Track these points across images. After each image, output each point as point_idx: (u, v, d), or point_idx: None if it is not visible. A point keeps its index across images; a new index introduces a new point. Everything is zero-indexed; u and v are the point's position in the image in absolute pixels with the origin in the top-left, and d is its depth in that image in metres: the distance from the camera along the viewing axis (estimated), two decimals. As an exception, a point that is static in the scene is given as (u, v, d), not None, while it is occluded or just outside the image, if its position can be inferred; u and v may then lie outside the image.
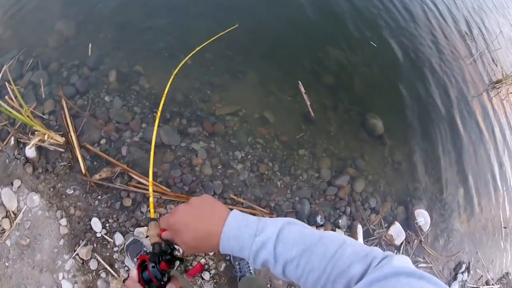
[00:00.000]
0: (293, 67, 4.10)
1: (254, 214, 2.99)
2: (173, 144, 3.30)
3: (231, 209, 1.02)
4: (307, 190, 3.51)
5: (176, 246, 1.13)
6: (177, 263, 1.11)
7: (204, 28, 3.80)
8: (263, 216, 2.91)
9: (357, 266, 0.84)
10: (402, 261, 0.83)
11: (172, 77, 2.48)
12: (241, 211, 2.42)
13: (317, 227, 3.40)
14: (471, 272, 4.27)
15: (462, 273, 4.14)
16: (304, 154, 3.62)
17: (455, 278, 4.08)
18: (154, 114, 3.39)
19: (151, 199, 1.31)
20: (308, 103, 3.84)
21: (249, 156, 3.44)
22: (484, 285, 4.34)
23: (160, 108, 1.72)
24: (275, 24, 4.27)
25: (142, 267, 1.05)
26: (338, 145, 3.82)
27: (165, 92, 1.75)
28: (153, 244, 1.12)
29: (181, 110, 3.45)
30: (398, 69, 4.61)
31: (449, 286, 4.00)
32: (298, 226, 0.95)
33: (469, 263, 4.25)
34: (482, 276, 4.35)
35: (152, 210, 1.30)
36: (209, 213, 1.01)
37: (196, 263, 1.00)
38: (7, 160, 3.28)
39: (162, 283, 1.03)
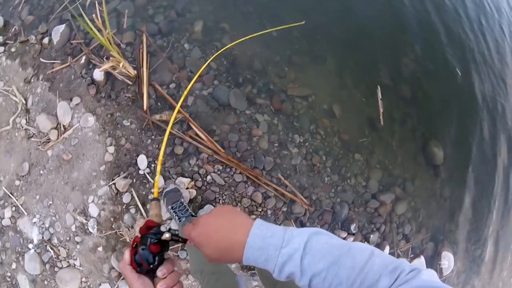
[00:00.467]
0: (374, 66, 4.03)
1: (293, 201, 2.99)
2: (239, 108, 3.28)
3: (254, 218, 1.00)
4: (350, 195, 3.46)
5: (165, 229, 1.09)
6: (171, 244, 1.09)
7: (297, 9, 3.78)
8: (302, 205, 2.90)
9: (385, 279, 0.82)
10: (431, 275, 0.83)
11: (210, 60, 2.48)
12: (283, 194, 2.40)
13: (348, 234, 3.37)
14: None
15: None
16: (359, 159, 3.56)
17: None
18: (228, 76, 3.36)
19: (156, 178, 1.29)
20: (381, 110, 3.77)
21: (307, 144, 3.40)
22: None
23: (189, 86, 1.68)
24: (369, 15, 4.20)
25: (135, 249, 1.02)
26: (394, 161, 3.74)
27: (191, 83, 1.71)
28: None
29: (255, 79, 3.42)
30: (474, 106, 4.49)
31: None
32: (325, 237, 0.94)
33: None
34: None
35: (155, 190, 1.26)
36: (232, 223, 0.99)
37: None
38: (72, 76, 3.31)
39: (152, 266, 1.00)
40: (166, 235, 1.02)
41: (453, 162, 4.05)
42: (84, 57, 3.33)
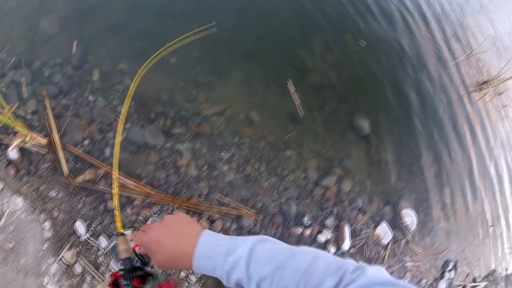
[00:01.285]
0: (278, 65, 4.10)
1: (240, 216, 3.02)
2: (158, 144, 3.28)
3: (204, 228, 1.05)
4: (294, 190, 3.51)
5: (147, 261, 1.15)
6: (150, 279, 1.12)
7: (189, 26, 3.76)
8: (249, 217, 2.93)
9: (329, 280, 0.85)
10: (376, 270, 0.85)
11: (137, 77, 2.47)
12: (227, 213, 2.43)
13: (304, 227, 3.41)
14: (458, 270, 4.32)
15: (449, 271, 4.20)
16: (290, 154, 3.62)
17: (442, 277, 4.14)
18: (138, 116, 3.34)
19: (117, 213, 1.31)
20: (297, 103, 3.85)
21: (235, 157, 3.43)
22: (471, 283, 4.40)
23: (123, 111, 1.69)
24: (260, 21, 4.27)
25: (114, 285, 1.05)
26: (325, 145, 3.82)
27: (130, 93, 1.71)
28: (124, 260, 1.14)
29: (166, 110, 3.43)
30: (384, 70, 4.63)
31: (436, 285, 4.03)
32: (270, 243, 0.98)
33: (456, 261, 4.29)
34: (469, 273, 4.40)
35: (119, 224, 1.31)
36: (182, 232, 1.03)
37: (170, 279, 0.98)
38: (-12, 162, 3.24)
39: None
40: (150, 269, 1.09)
41: (381, 126, 4.21)
42: (-7, 144, 3.26)
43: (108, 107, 3.32)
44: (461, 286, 4.27)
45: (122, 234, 1.24)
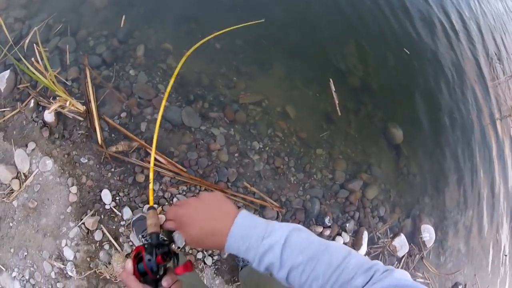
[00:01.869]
0: (320, 65, 4.13)
1: (264, 206, 3.03)
2: (194, 126, 3.33)
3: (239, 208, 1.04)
4: (319, 189, 3.54)
5: (175, 239, 1.13)
6: (174, 258, 1.10)
7: (238, 17, 3.81)
8: (272, 209, 2.95)
9: (360, 277, 0.85)
10: (403, 274, 0.86)
11: (184, 58, 2.49)
12: (252, 201, 2.45)
13: (324, 228, 3.44)
14: (467, 293, 4.30)
15: (459, 293, 4.16)
16: (321, 153, 3.66)
17: (451, 299, 4.09)
18: (177, 96, 3.38)
19: (150, 186, 1.32)
20: (337, 102, 3.89)
21: (267, 148, 3.48)
22: (478, 309, 4.37)
23: (168, 89, 1.72)
24: (306, 21, 4.31)
25: (137, 258, 1.03)
26: (355, 149, 3.85)
27: (176, 72, 1.74)
28: (151, 234, 1.11)
29: (205, 94, 3.48)
30: (426, 82, 4.65)
31: (444, 305, 4.02)
32: (305, 233, 0.97)
33: (465, 284, 4.28)
34: (475, 299, 4.37)
35: (151, 198, 1.30)
36: (218, 210, 1.03)
37: (187, 260, 0.99)
38: (24, 122, 3.30)
39: (158, 276, 1.01)
40: (176, 248, 1.03)
41: (413, 138, 4.22)
42: (32, 101, 3.32)
43: (149, 83, 3.38)
44: (466, 310, 4.26)
45: (153, 208, 1.20)
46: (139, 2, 3.79)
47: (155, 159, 3.11)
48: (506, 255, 4.83)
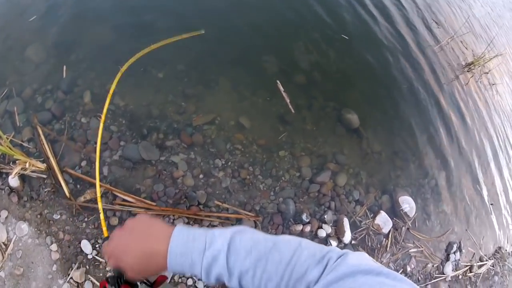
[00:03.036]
0: (263, 70, 4.28)
1: (240, 219, 3.17)
2: (153, 158, 3.43)
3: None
4: (290, 190, 3.68)
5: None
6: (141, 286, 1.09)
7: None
8: (249, 219, 3.08)
9: (314, 270, 0.83)
10: (358, 258, 0.84)
11: (119, 74, 2.60)
12: (227, 218, 2.59)
13: (303, 225, 3.57)
14: (463, 251, 4.51)
15: (454, 253, 4.37)
16: (283, 155, 3.80)
17: (447, 259, 4.32)
18: (131, 132, 3.50)
19: (101, 216, 1.34)
20: (288, 101, 4.06)
21: (230, 163, 3.60)
22: (478, 262, 4.59)
23: (104, 111, 1.79)
24: (242, 28, 4.45)
25: None
26: (316, 142, 4.01)
27: (110, 92, 1.81)
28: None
29: (158, 124, 3.59)
30: (368, 61, 4.84)
31: (443, 267, 4.19)
32: (249, 234, 0.95)
33: (459, 242, 4.47)
34: (474, 253, 4.60)
35: (104, 229, 1.33)
36: (149, 231, 0.99)
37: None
38: (-9, 193, 3.38)
39: None
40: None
41: (370, 118, 4.42)
42: (-8, 175, 3.41)
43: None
44: (468, 266, 4.43)
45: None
46: (75, 48, 3.87)
47: (124, 200, 3.24)
48: (492, 204, 5.00)
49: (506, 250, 5.07)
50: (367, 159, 4.17)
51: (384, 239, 3.95)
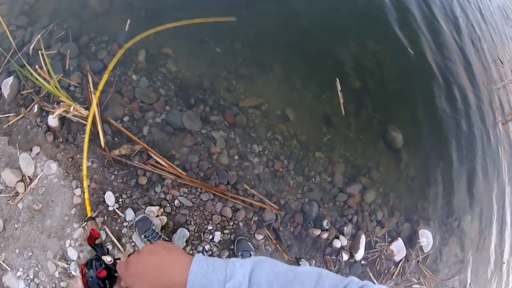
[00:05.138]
0: (320, 65, 4.39)
1: (263, 209, 3.29)
2: (194, 129, 3.57)
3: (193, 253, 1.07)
4: (317, 193, 3.79)
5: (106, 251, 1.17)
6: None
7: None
8: (271, 211, 3.20)
9: None
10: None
11: (123, 50, 2.70)
12: (251, 204, 2.71)
13: (322, 231, 3.68)
14: (463, 300, 4.54)
15: (454, 300, 4.39)
16: (320, 156, 3.90)
17: (445, 304, 4.33)
18: (178, 99, 3.63)
19: (86, 195, 1.33)
20: (342, 101, 4.17)
21: (266, 151, 3.72)
22: (474, 314, 4.61)
23: (100, 88, 1.88)
24: (309, 14, 4.55)
25: (85, 276, 1.07)
26: (355, 152, 4.10)
27: (111, 65, 1.89)
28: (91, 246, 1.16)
29: (206, 97, 3.72)
30: (428, 84, 4.91)
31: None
32: (269, 265, 0.96)
33: (460, 289, 4.51)
34: (469, 306, 4.62)
35: (88, 208, 1.30)
36: (165, 262, 0.98)
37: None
38: (28, 127, 3.54)
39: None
40: (108, 259, 1.10)
41: (414, 142, 4.46)
42: (36, 106, 3.55)
43: (150, 88, 3.61)
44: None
45: (93, 218, 1.22)
46: (139, 6, 4.03)
47: (157, 162, 3.38)
48: (504, 263, 5.07)
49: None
50: (400, 182, 4.25)
51: (393, 266, 4.03)
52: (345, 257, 3.76)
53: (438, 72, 4.99)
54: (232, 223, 3.46)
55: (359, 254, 3.80)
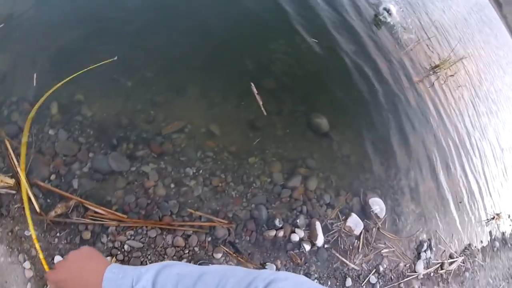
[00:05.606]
0: (233, 75, 4.52)
1: (213, 227, 3.35)
2: (123, 169, 3.55)
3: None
4: (262, 196, 3.88)
5: None
6: None
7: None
8: (222, 227, 3.27)
9: None
10: (285, 282, 0.88)
11: (44, 97, 2.68)
12: (200, 226, 2.78)
13: (276, 230, 3.77)
14: (434, 249, 4.82)
15: (425, 251, 4.67)
16: (254, 161, 4.00)
17: (419, 257, 4.60)
18: (100, 143, 3.62)
19: (40, 256, 1.39)
20: (261, 103, 4.30)
21: (201, 171, 3.76)
22: (448, 259, 4.90)
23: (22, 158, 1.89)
24: (211, 33, 4.63)
25: None
26: (286, 147, 4.24)
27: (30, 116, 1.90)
28: None
29: (127, 134, 3.72)
30: (339, 66, 5.17)
31: (414, 266, 4.48)
32: (176, 268, 1.02)
33: (430, 241, 4.80)
34: (444, 251, 4.93)
35: (43, 262, 1.41)
36: (86, 268, 1.08)
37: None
38: (-42, 213, 3.46)
39: None
40: None
41: (339, 122, 4.70)
42: (-41, 188, 3.48)
43: (70, 139, 3.57)
44: (439, 264, 4.75)
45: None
46: (41, 60, 3.95)
47: (96, 212, 3.37)
48: (460, 202, 5.33)
49: (475, 247, 5.43)
50: (337, 162, 4.43)
51: (356, 240, 4.19)
52: (307, 247, 3.86)
53: (345, 54, 5.26)
54: (187, 251, 3.47)
55: (320, 240, 3.90)
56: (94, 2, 4.49)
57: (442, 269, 4.74)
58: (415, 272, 4.47)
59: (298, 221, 3.92)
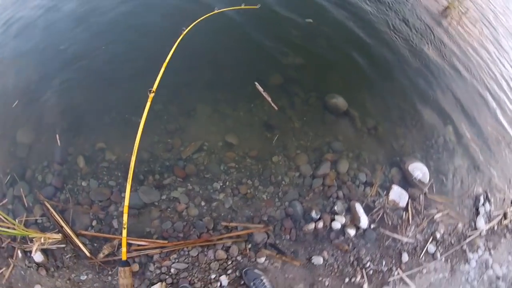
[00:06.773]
0: (237, 82, 4.62)
1: (251, 234, 3.49)
2: (155, 200, 3.79)
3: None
4: (293, 191, 3.97)
5: None
6: None
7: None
8: (260, 232, 3.41)
9: None
10: None
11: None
12: (238, 236, 3.14)
13: (315, 222, 3.83)
14: (492, 200, 4.61)
15: (483, 204, 4.47)
16: (278, 159, 4.09)
17: (477, 213, 4.42)
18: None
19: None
20: (269, 99, 4.38)
21: (227, 183, 3.91)
22: (510, 207, 4.66)
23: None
24: (209, 49, 4.76)
25: None
26: (307, 137, 4.28)
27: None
28: None
29: (151, 167, 3.94)
30: (341, 37, 5.14)
31: (474, 223, 4.33)
32: None
33: (485, 192, 4.59)
34: (504, 199, 4.69)
35: (124, 250, 1.46)
36: None
37: None
38: (22, 272, 3.81)
39: None
40: None
41: (356, 97, 4.63)
42: (19, 251, 3.87)
43: (101, 185, 3.87)
44: (501, 214, 4.54)
45: (125, 263, 1.26)
46: (58, 120, 4.29)
47: (138, 245, 3.64)
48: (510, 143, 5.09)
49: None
50: (365, 137, 4.41)
51: (404, 212, 4.12)
52: (352, 232, 3.86)
53: (343, 22, 5.14)
54: (230, 262, 3.63)
55: (364, 222, 3.89)
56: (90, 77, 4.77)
57: (505, 218, 4.51)
58: (477, 229, 4.30)
59: (335, 207, 3.93)
